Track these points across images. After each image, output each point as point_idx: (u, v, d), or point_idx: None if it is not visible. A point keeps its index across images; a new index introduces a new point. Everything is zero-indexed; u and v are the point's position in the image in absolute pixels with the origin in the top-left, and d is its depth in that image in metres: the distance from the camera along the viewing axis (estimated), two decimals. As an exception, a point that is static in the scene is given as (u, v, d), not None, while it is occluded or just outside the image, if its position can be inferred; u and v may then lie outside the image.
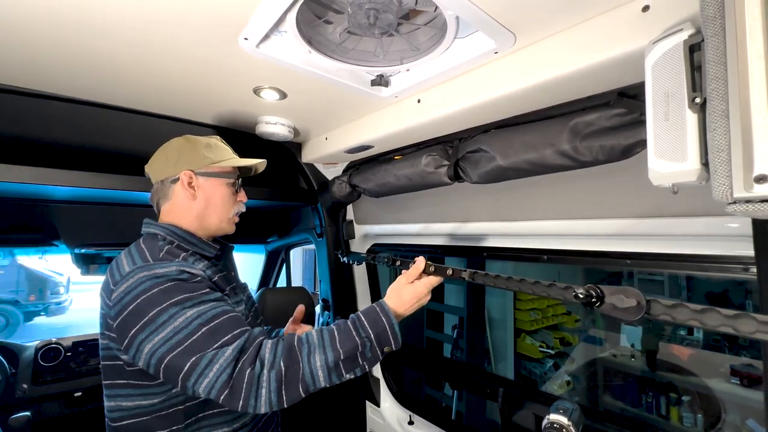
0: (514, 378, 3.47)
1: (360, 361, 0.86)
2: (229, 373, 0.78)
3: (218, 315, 0.85)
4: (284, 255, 3.06)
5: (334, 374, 0.83)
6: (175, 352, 0.79)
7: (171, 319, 0.81)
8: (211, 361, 0.78)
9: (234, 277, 1.15)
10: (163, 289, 0.84)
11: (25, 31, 0.87)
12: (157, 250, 0.94)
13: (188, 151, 1.05)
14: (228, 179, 1.08)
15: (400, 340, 0.89)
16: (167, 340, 0.80)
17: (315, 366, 0.81)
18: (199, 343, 0.80)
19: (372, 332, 0.87)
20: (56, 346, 1.94)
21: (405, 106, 1.22)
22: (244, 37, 0.89)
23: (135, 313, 0.82)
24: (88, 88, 1.20)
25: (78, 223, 1.84)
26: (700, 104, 0.57)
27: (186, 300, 0.84)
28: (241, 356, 0.80)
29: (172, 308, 0.82)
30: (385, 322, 0.88)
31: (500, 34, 0.85)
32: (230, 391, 0.77)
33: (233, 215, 1.11)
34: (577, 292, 0.69)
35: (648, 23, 0.71)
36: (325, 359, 0.82)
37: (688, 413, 2.61)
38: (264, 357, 0.81)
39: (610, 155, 0.95)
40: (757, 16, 0.46)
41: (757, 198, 0.46)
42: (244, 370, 0.78)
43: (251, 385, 0.78)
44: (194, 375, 0.78)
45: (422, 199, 1.62)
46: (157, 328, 0.81)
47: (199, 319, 0.82)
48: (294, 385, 0.80)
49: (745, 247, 0.89)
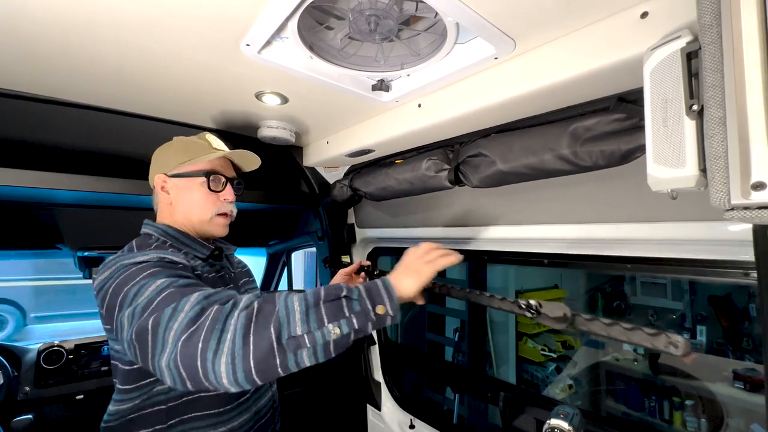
0: (516, 381, 3.46)
1: (346, 312, 0.71)
2: (197, 311, 0.68)
3: (192, 284, 0.79)
4: (285, 258, 3.07)
5: (312, 317, 0.68)
6: (142, 317, 0.72)
7: (142, 290, 0.76)
8: (175, 310, 0.69)
9: (233, 278, 1.13)
10: (139, 268, 0.82)
11: (28, 36, 0.88)
12: (145, 246, 0.95)
13: (164, 154, 1.06)
14: (200, 178, 1.03)
15: (398, 307, 0.76)
16: (134, 310, 0.74)
17: (291, 302, 0.70)
18: (167, 299, 0.72)
19: (363, 287, 0.76)
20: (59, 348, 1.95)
21: (406, 110, 1.23)
22: (246, 43, 0.90)
23: (115, 294, 0.80)
24: (91, 93, 1.21)
25: (80, 227, 1.85)
26: (698, 111, 0.57)
27: (160, 272, 0.80)
28: (212, 298, 0.72)
29: (144, 280, 0.78)
30: (379, 282, 0.78)
31: (500, 39, 0.85)
32: (191, 333, 0.65)
33: (214, 215, 1.05)
34: (521, 303, 0.82)
35: (647, 30, 0.72)
36: (304, 297, 0.71)
37: (692, 417, 2.59)
38: (239, 300, 0.72)
39: (610, 160, 0.95)
40: (753, 24, 0.47)
41: (754, 205, 0.47)
42: (213, 307, 0.69)
43: (216, 320, 0.66)
44: (162, 324, 0.68)
45: (423, 203, 1.62)
46: (132, 298, 0.77)
47: (171, 285, 0.76)
48: (264, 327, 0.66)
49: (745, 252, 0.89)
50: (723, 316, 3.02)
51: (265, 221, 2.49)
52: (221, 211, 1.06)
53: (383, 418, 1.93)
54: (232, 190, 1.09)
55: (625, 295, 3.57)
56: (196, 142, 1.07)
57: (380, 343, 2.05)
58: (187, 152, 1.04)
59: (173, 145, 1.07)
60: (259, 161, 1.16)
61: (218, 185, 1.05)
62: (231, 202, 1.08)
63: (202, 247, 1.04)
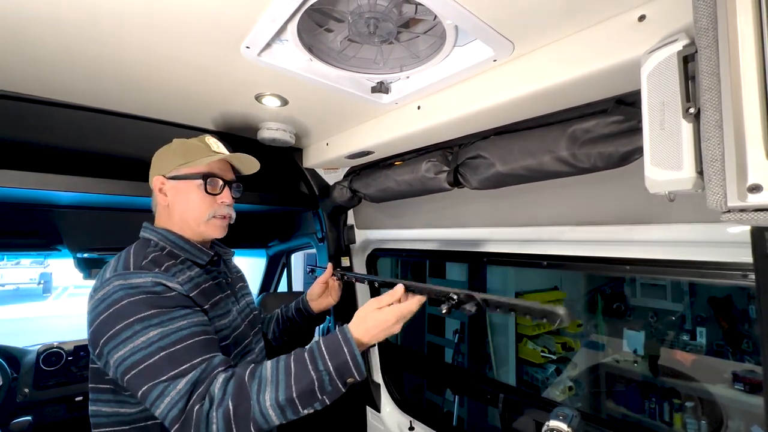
0: (516, 383, 3.45)
1: (319, 395, 0.80)
2: (180, 407, 0.76)
3: (182, 339, 0.82)
4: (285, 259, 3.07)
5: (288, 411, 0.79)
6: (132, 372, 0.79)
7: (133, 337, 0.80)
8: (162, 393, 0.77)
9: (231, 284, 1.13)
10: (132, 302, 0.83)
11: (29, 37, 0.89)
12: (141, 258, 0.92)
13: (163, 156, 1.06)
14: (197, 180, 1.03)
15: (364, 370, 0.83)
16: (125, 359, 0.80)
17: (265, 405, 0.77)
18: (154, 368, 0.78)
19: (332, 364, 0.81)
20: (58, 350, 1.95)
21: (405, 112, 1.23)
22: (245, 45, 0.90)
23: (104, 323, 0.83)
24: (92, 94, 1.22)
25: (81, 228, 1.85)
26: (695, 114, 0.57)
27: (153, 316, 0.82)
28: (194, 390, 0.78)
29: (136, 324, 0.81)
30: (346, 352, 0.82)
31: (499, 42, 0.86)
32: (181, 425, 0.76)
33: (210, 217, 1.04)
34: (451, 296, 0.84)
35: (644, 33, 0.72)
36: (275, 397, 0.77)
37: (692, 419, 2.59)
38: (213, 394, 0.78)
39: (608, 162, 0.95)
40: (749, 27, 0.47)
41: (750, 207, 0.47)
42: (193, 406, 0.76)
43: (200, 422, 0.76)
44: (149, 400, 0.79)
45: (422, 205, 1.62)
46: (119, 343, 0.80)
47: (161, 342, 0.80)
48: (244, 423, 0.77)
49: (744, 254, 0.89)
50: (723, 317, 3.02)
51: (265, 222, 2.50)
52: (218, 214, 1.06)
53: (383, 420, 1.93)
54: (230, 193, 1.09)
55: (625, 297, 3.57)
56: (196, 145, 1.07)
57: (380, 345, 2.05)
58: (186, 155, 1.04)
59: (172, 147, 1.07)
60: (258, 165, 1.16)
61: (215, 188, 1.05)
62: (229, 205, 1.08)
63: (201, 252, 1.03)
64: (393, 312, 0.87)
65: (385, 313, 0.87)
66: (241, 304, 1.13)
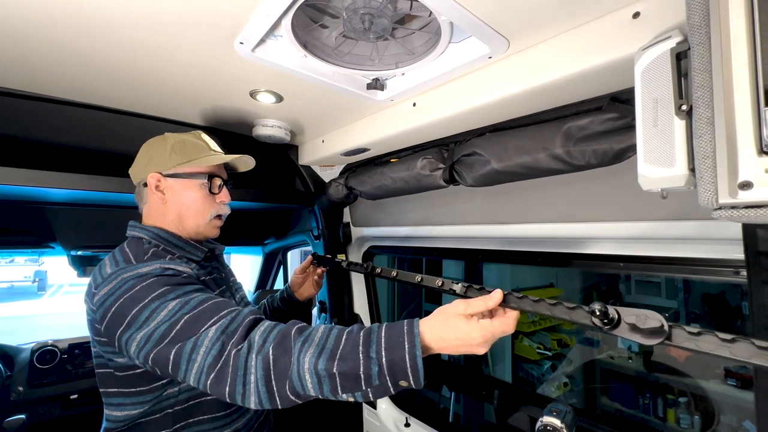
0: (512, 380, 3.47)
1: (363, 385, 0.67)
2: (215, 354, 0.71)
3: (203, 301, 0.80)
4: (281, 257, 3.07)
5: (326, 385, 0.68)
6: (160, 345, 0.76)
7: (154, 314, 0.78)
8: (195, 345, 0.73)
9: (225, 279, 1.14)
10: (145, 285, 0.82)
11: (20, 33, 0.88)
12: (142, 253, 0.92)
13: (159, 151, 1.02)
14: (200, 180, 1.02)
15: (423, 378, 0.67)
16: (150, 335, 0.76)
17: (303, 366, 0.68)
18: (183, 331, 0.75)
19: (386, 357, 0.67)
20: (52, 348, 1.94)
21: (400, 109, 1.23)
22: (239, 41, 0.89)
23: (119, 314, 0.80)
24: (84, 91, 1.20)
25: (74, 225, 1.84)
26: (687, 111, 0.57)
27: (168, 292, 0.80)
28: (228, 336, 0.74)
29: (153, 302, 0.79)
30: (407, 350, 0.67)
31: (494, 39, 0.86)
32: (216, 374, 0.70)
33: (211, 218, 1.05)
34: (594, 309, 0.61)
35: (638, 30, 0.72)
36: (315, 363, 0.68)
37: (685, 414, 2.61)
38: (254, 339, 0.73)
39: (603, 159, 0.96)
40: (741, 25, 0.47)
41: (741, 204, 0.47)
42: (231, 351, 0.71)
43: (237, 368, 0.70)
44: (182, 363, 0.74)
45: (418, 202, 1.62)
46: (142, 324, 0.78)
47: (183, 309, 0.78)
48: (282, 380, 0.69)
49: (736, 251, 0.90)
50: (716, 314, 3.05)
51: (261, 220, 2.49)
52: (219, 213, 1.07)
53: (379, 416, 1.93)
54: (227, 191, 1.10)
55: (620, 294, 3.60)
56: (194, 143, 1.05)
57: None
58: (186, 153, 1.02)
59: (168, 143, 1.03)
60: (254, 162, 1.16)
61: (216, 188, 1.06)
62: (226, 204, 1.09)
63: (196, 249, 1.03)
64: (483, 330, 0.68)
65: (473, 327, 0.69)
66: (237, 297, 1.14)
